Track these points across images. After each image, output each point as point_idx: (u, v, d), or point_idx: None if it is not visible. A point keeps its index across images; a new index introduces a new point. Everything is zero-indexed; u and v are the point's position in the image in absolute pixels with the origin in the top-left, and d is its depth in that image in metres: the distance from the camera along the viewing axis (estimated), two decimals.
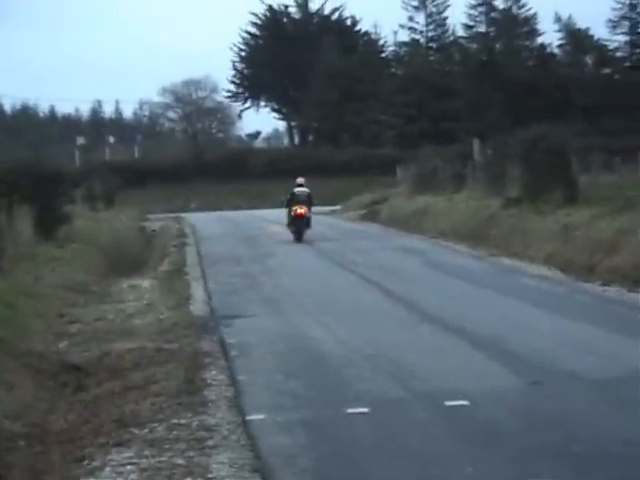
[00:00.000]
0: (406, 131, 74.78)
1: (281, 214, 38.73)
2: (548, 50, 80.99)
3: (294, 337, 14.09)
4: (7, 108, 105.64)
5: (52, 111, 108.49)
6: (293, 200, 32.43)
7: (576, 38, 79.33)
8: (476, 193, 33.14)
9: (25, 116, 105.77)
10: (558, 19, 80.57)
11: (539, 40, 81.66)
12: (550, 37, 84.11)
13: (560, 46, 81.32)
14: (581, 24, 79.93)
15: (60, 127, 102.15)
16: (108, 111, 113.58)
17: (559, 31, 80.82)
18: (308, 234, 31.89)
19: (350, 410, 9.76)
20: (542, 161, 26.82)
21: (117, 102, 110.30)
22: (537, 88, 73.21)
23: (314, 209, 33.64)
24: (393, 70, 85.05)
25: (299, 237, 31.82)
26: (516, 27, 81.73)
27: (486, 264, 23.31)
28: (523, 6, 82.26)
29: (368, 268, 22.91)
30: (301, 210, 31.95)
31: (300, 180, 33.17)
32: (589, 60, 79.47)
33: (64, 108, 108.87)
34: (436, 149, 47.56)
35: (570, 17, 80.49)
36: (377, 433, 9.05)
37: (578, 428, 8.92)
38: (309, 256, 27.11)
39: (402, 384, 10.82)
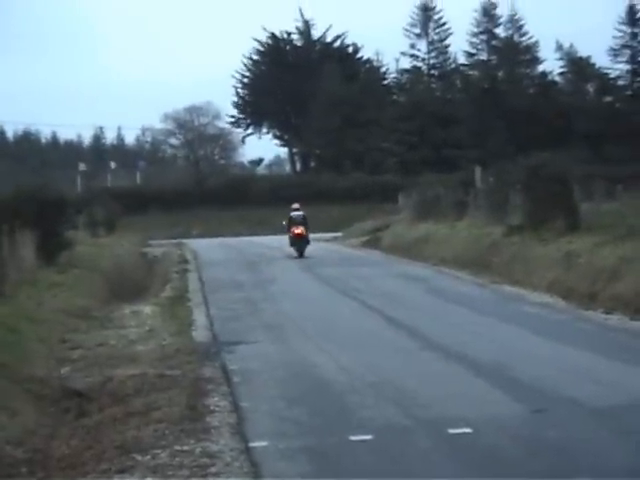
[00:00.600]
0: (408, 158, 74.92)
1: (282, 240, 39.79)
2: (550, 78, 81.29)
3: (296, 364, 14.09)
4: (9, 134, 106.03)
5: (54, 137, 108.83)
6: (291, 222, 37.00)
7: (577, 66, 79.64)
8: (478, 221, 33.24)
9: (27, 142, 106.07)
10: (559, 47, 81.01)
11: (540, 68, 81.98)
12: (551, 65, 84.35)
13: (562, 74, 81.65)
14: (582, 52, 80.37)
15: (62, 153, 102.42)
16: (110, 137, 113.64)
17: (560, 59, 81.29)
18: (310, 261, 32.65)
19: (353, 437, 9.75)
20: (544, 189, 26.84)
21: (119, 128, 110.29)
22: (539, 116, 73.47)
23: (314, 236, 38.03)
24: (395, 97, 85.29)
25: (301, 253, 36.28)
26: (518, 55, 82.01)
27: (488, 291, 23.26)
28: (524, 34, 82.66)
29: (370, 295, 22.94)
30: (299, 230, 36.57)
31: (295, 205, 38.09)
32: (590, 88, 79.78)
33: (66, 134, 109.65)
34: (438, 176, 47.68)
35: (571, 45, 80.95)
36: (380, 460, 9.03)
37: (580, 456, 8.90)
38: (311, 282, 27.16)
39: (405, 411, 10.80)
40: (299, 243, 36.37)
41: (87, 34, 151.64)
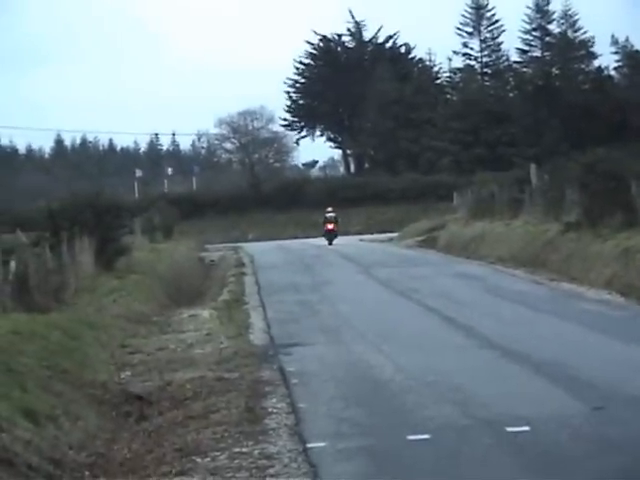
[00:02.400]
0: (462, 157, 74.57)
1: (339, 242, 39.90)
2: (605, 73, 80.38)
3: (354, 365, 14.07)
4: (67, 143, 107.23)
5: (111, 144, 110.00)
6: (325, 221, 52.86)
7: (634, 60, 78.68)
8: (534, 218, 33.19)
9: (85, 150, 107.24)
10: (615, 41, 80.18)
11: (596, 63, 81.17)
12: (607, 60, 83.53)
13: (617, 68, 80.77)
14: (639, 46, 79.45)
15: (119, 160, 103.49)
16: (165, 143, 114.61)
17: (616, 53, 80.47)
18: (365, 263, 33.96)
19: (412, 437, 9.72)
20: (600, 185, 26.59)
21: (174, 134, 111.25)
22: (594, 111, 72.65)
23: (370, 237, 54.67)
24: (448, 96, 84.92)
25: (330, 242, 50.57)
26: (572, 51, 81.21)
27: (545, 289, 23.19)
28: (579, 29, 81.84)
29: (427, 295, 22.92)
30: (330, 226, 52.25)
31: (329, 208, 53.82)
32: None
33: (123, 141, 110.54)
34: (493, 175, 47.42)
35: (627, 39, 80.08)
36: (439, 460, 8.99)
37: None
38: (367, 284, 27.22)
39: (463, 410, 10.76)
40: (329, 235, 51.45)
41: (142, 41, 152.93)
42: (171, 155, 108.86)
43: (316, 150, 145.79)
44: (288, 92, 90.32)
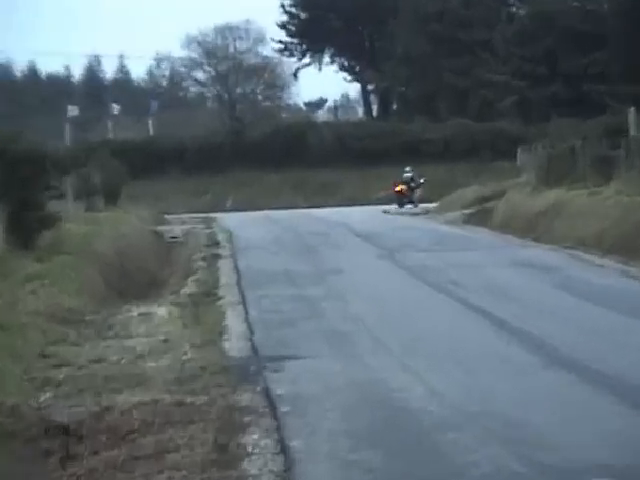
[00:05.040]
0: (531, 97, 74.50)
1: (357, 214, 39.74)
2: None
3: (369, 387, 14.10)
4: None
5: (32, 69, 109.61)
6: (398, 182, 61.28)
7: None
8: (632, 185, 33.15)
9: None
10: None
11: None
12: None
13: None
14: None
15: (44, 91, 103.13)
16: (110, 70, 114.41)
17: None
18: (391, 244, 34.71)
19: None
20: None
21: (121, 57, 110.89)
22: None
23: (397, 208, 59.74)
24: (513, 9, 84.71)
25: (401, 205, 60.13)
26: None
27: None
28: None
29: (475, 291, 23.11)
30: (397, 188, 61.17)
31: (407, 169, 62.14)
32: None
33: (48, 65, 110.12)
34: (574, 123, 47.37)
35: None
36: None
37: None
38: (392, 274, 27.52)
39: (521, 455, 10.77)
40: (399, 199, 60.58)
41: None
42: (118, 87, 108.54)
43: (324, 84, 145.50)
44: (283, 2, 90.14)
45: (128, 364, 16.11)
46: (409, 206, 59.41)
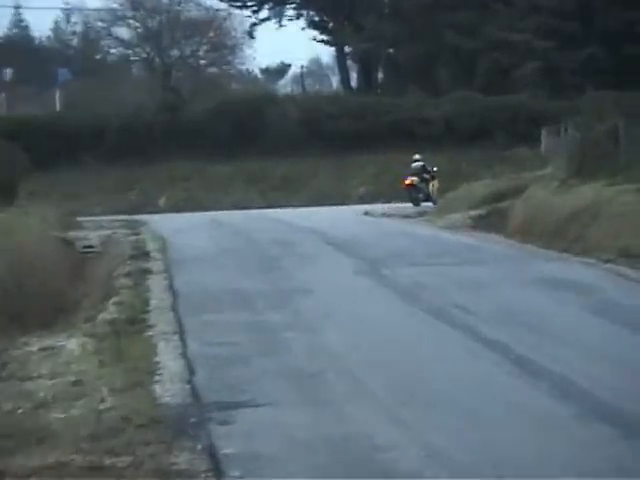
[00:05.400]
0: (559, 62, 70.28)
1: (328, 216, 37.96)
2: None
3: (346, 444, 13.11)
4: None
5: None
6: (407, 173, 55.27)
7: None
8: None
9: None
10: None
11: None
12: None
13: None
14: None
15: None
16: (3, 25, 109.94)
17: None
18: (375, 255, 33.25)
19: None
20: None
21: (17, 8, 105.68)
22: None
23: (383, 207, 54.24)
24: None
25: (416, 203, 54.02)
26: None
27: None
28: None
29: (486, 318, 21.54)
30: (408, 181, 54.88)
31: (416, 156, 56.24)
32: None
33: None
34: (615, 96, 46.67)
35: None
36: None
37: None
38: (376, 295, 25.92)
39: None
40: (410, 193, 54.99)
41: None
42: (13, 46, 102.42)
43: (287, 46, 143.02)
44: None
45: (26, 415, 15.23)
46: (427, 204, 53.58)
